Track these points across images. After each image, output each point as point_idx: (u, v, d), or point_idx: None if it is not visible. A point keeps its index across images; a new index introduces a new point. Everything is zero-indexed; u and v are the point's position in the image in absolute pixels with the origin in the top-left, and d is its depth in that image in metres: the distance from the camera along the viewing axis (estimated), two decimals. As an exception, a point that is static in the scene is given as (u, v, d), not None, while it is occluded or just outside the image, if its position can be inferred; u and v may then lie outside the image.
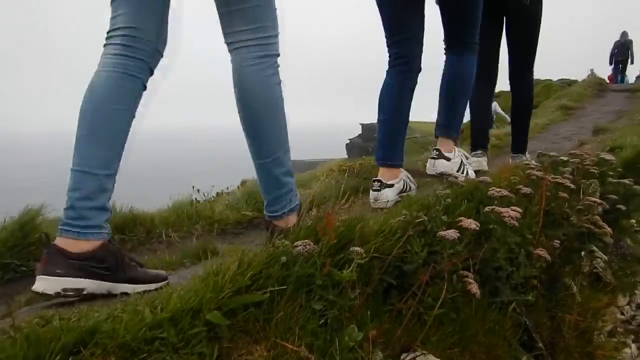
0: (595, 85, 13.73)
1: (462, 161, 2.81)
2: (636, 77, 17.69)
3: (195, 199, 2.85)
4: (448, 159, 2.73)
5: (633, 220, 3.35)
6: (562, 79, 18.02)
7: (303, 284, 1.25)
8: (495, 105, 11.41)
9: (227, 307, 1.14)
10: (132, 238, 2.45)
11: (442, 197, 1.82)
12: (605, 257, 3.05)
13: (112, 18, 1.54)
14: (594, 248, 2.63)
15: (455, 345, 1.52)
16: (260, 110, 1.71)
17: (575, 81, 16.11)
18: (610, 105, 10.50)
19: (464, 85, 2.83)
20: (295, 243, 1.29)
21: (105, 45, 1.56)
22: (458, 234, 1.48)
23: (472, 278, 1.53)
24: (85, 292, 1.43)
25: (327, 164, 4.99)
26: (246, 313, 1.17)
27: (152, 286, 1.54)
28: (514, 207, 1.74)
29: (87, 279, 1.44)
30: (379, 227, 1.54)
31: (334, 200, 1.92)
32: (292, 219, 1.79)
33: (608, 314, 2.63)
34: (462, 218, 1.58)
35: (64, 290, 1.41)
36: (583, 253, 2.38)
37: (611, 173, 3.05)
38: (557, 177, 2.32)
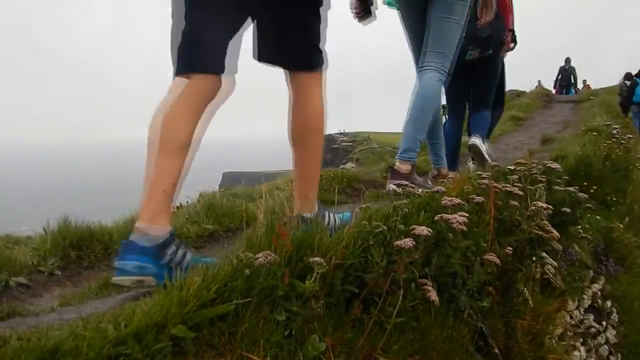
0: (542, 97, 14.37)
1: None
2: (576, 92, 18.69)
3: (155, 212, 2.79)
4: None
5: (579, 227, 3.51)
6: (511, 90, 18.58)
7: (267, 295, 1.26)
8: None
9: (192, 322, 1.14)
10: (89, 255, 2.39)
11: (400, 207, 1.86)
12: (555, 263, 3.18)
13: (425, 61, 2.98)
14: (544, 254, 2.74)
15: (415, 352, 1.54)
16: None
17: (524, 92, 16.61)
18: (557, 116, 10.99)
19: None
20: (257, 255, 1.29)
21: (421, 72, 3.02)
22: (414, 242, 1.51)
23: (430, 286, 1.57)
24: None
25: (288, 175, 5.00)
26: (211, 327, 1.18)
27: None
28: (461, 213, 1.78)
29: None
30: (339, 236, 1.56)
31: (284, 211, 1.96)
32: (446, 169, 3.52)
33: (558, 318, 2.73)
34: (415, 226, 1.62)
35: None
36: (534, 259, 2.47)
37: (558, 180, 3.19)
38: (507, 185, 2.40)
